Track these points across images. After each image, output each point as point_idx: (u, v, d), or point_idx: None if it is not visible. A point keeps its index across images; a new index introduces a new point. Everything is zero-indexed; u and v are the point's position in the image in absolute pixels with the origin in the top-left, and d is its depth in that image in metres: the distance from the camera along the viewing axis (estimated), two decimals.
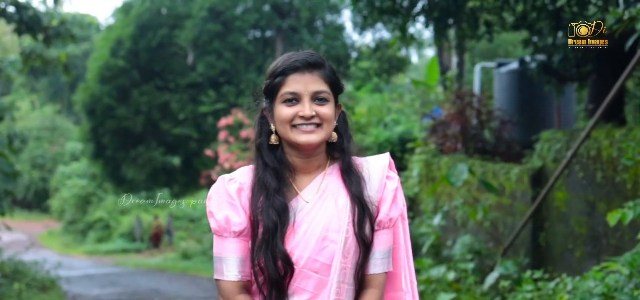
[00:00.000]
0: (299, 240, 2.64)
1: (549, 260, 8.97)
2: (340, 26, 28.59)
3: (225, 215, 2.67)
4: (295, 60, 2.69)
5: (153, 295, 14.80)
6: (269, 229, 2.62)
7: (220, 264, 2.68)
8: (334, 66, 2.78)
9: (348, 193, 2.70)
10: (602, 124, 8.26)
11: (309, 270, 2.64)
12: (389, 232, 2.74)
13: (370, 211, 2.69)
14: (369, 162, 2.79)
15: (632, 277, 5.88)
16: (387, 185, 2.74)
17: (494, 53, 22.59)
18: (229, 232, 2.67)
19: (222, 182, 2.74)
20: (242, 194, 2.70)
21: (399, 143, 14.66)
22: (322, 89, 2.68)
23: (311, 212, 2.68)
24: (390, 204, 2.73)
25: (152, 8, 27.67)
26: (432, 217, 10.86)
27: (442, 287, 8.42)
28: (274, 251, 2.61)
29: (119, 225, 34.11)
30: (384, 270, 2.72)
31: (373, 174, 2.75)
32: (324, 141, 2.71)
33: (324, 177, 2.74)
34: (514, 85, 12.86)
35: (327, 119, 2.68)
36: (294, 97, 2.67)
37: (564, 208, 8.68)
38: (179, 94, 27.71)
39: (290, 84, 2.67)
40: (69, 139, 47.49)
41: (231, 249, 2.67)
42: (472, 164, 10.60)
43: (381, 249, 2.71)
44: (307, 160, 2.73)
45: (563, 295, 6.23)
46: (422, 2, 11.22)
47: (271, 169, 2.70)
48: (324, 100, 2.68)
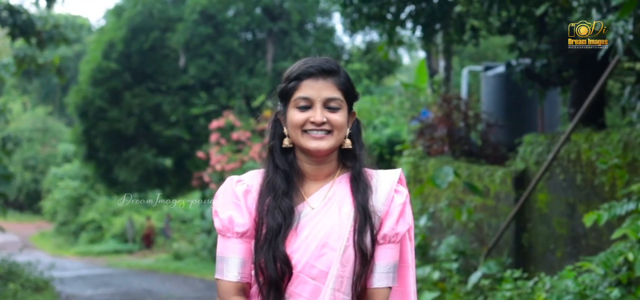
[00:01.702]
0: (299, 245, 2.65)
1: (531, 260, 9.22)
2: (331, 29, 28.81)
3: (229, 215, 2.68)
4: (310, 66, 2.70)
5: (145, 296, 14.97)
6: (272, 230, 2.64)
7: (221, 264, 2.70)
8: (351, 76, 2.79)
9: (353, 201, 2.69)
10: (581, 128, 8.50)
11: (306, 276, 2.64)
12: (395, 246, 2.72)
13: (373, 221, 2.67)
14: (379, 174, 2.77)
15: (607, 276, 6.13)
16: (395, 199, 2.73)
17: (483, 56, 22.78)
18: (232, 232, 2.68)
19: (230, 183, 2.75)
20: (249, 196, 2.71)
21: (387, 145, 14.88)
22: (334, 96, 2.68)
23: (315, 218, 2.68)
24: (397, 217, 2.71)
25: (144, 11, 27.83)
26: (419, 219, 11.09)
27: (427, 287, 8.64)
28: (275, 252, 2.61)
29: (111, 227, 34.22)
30: (388, 285, 2.70)
31: (381, 186, 2.73)
32: (333, 149, 2.70)
33: (332, 185, 2.74)
34: (501, 89, 13.02)
35: (338, 126, 2.68)
36: (307, 103, 2.67)
37: (545, 209, 8.92)
38: (171, 96, 27.89)
39: (304, 89, 2.68)
40: (60, 140, 47.52)
41: (234, 249, 2.68)
42: (457, 167, 10.84)
43: (386, 263, 2.70)
44: (317, 167, 2.73)
45: (541, 293, 6.47)
46: (410, 7, 11.45)
47: (281, 172, 2.71)
48: (336, 108, 2.68)
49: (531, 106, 12.54)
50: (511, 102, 12.80)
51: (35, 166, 47.10)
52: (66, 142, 43.27)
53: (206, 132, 24.55)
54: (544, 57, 9.66)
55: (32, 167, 47.05)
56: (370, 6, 10.82)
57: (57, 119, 51.77)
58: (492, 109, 12.70)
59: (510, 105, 12.81)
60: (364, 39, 24.71)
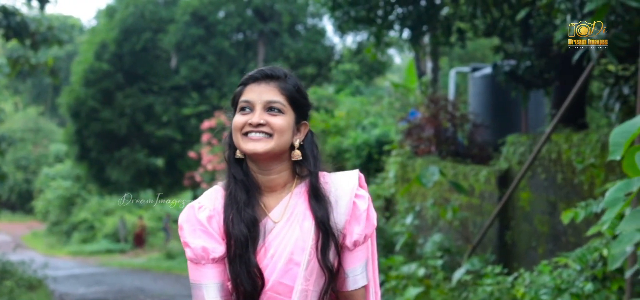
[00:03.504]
0: (267, 264, 2.63)
1: (514, 257, 9.46)
2: (321, 30, 29.04)
3: (202, 245, 2.64)
4: (256, 71, 2.70)
5: (138, 294, 15.13)
6: (240, 242, 2.62)
7: (200, 291, 2.67)
8: (300, 77, 2.78)
9: (313, 217, 2.66)
10: (562, 129, 8.75)
11: (274, 293, 2.64)
12: (365, 246, 2.73)
13: (336, 237, 2.65)
14: (337, 181, 2.73)
15: (583, 271, 6.38)
16: (359, 205, 2.71)
17: (472, 57, 22.99)
18: (207, 260, 2.64)
19: (191, 211, 2.70)
20: (213, 220, 2.67)
21: (376, 145, 15.09)
22: (276, 99, 2.65)
23: (279, 236, 2.66)
24: (364, 223, 2.71)
25: (136, 12, 28.03)
26: (405, 217, 11.32)
27: (412, 283, 8.87)
28: (247, 266, 2.61)
29: (103, 226, 34.37)
30: (364, 283, 2.73)
31: (341, 195, 2.70)
32: (272, 152, 2.65)
33: (290, 197, 2.70)
34: (487, 90, 13.19)
35: (278, 129, 2.63)
36: (248, 106, 2.66)
37: (528, 208, 9.16)
38: (163, 97, 28.10)
39: (246, 93, 2.67)
40: (52, 140, 47.63)
41: (209, 275, 2.66)
42: (444, 166, 11.08)
43: (360, 265, 2.71)
44: (268, 177, 2.70)
45: (520, 288, 6.72)
46: (397, 10, 11.67)
47: (240, 182, 2.68)
48: (277, 111, 2.65)
49: (517, 107, 12.72)
50: (497, 102, 12.97)
51: (27, 166, 47.18)
52: (58, 142, 43.39)
53: (198, 133, 24.74)
54: (527, 59, 9.89)
55: (24, 167, 47.12)
56: (358, 10, 11.04)
57: (48, 119, 51.86)
58: (479, 110, 12.89)
59: (496, 106, 12.99)
60: (355, 40, 24.92)
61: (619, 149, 3.79)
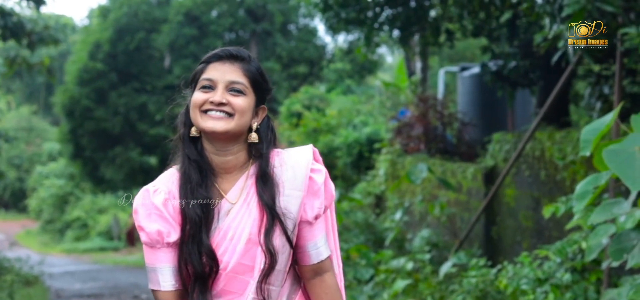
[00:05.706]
0: (226, 247, 2.63)
1: (500, 251, 9.75)
2: (313, 30, 29.31)
3: (157, 228, 2.64)
4: (220, 50, 2.69)
5: (133, 289, 15.31)
6: (194, 223, 2.61)
7: (155, 274, 2.65)
8: (267, 69, 2.95)
9: (258, 200, 2.66)
10: (546, 127, 9.03)
11: (235, 274, 2.63)
12: (325, 217, 2.76)
13: (283, 222, 2.65)
14: (291, 157, 2.73)
15: (563, 263, 6.66)
16: (316, 179, 2.71)
17: (462, 56, 23.22)
18: (162, 243, 2.63)
19: (147, 195, 2.71)
20: (169, 204, 2.67)
21: (367, 143, 15.35)
22: (238, 80, 2.64)
23: (237, 217, 2.65)
24: (323, 196, 2.71)
25: (130, 12, 28.27)
26: (395, 213, 11.59)
27: (401, 276, 9.14)
28: (199, 247, 2.60)
29: (96, 224, 34.49)
30: (328, 254, 2.74)
31: (298, 170, 2.69)
32: (232, 133, 2.64)
33: (247, 178, 2.69)
34: (476, 89, 13.43)
35: (239, 110, 2.62)
36: (210, 84, 2.64)
37: (513, 204, 9.45)
38: (156, 96, 28.33)
39: (209, 71, 2.65)
40: (45, 139, 47.73)
41: (164, 259, 2.64)
42: (432, 164, 11.37)
43: (322, 236, 2.73)
44: (223, 158, 2.68)
45: (503, 279, 7.01)
46: (387, 11, 11.91)
47: (193, 162, 2.68)
48: (239, 92, 2.63)
49: (504, 106, 12.97)
50: (485, 101, 13.22)
51: (20, 165, 47.27)
52: (51, 141, 43.50)
53: None
54: (513, 59, 10.16)
55: (17, 166, 47.21)
56: (349, 11, 11.28)
57: (41, 118, 51.92)
58: (467, 108, 13.15)
59: (484, 105, 13.23)
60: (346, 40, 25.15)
61: (588, 145, 4.06)
